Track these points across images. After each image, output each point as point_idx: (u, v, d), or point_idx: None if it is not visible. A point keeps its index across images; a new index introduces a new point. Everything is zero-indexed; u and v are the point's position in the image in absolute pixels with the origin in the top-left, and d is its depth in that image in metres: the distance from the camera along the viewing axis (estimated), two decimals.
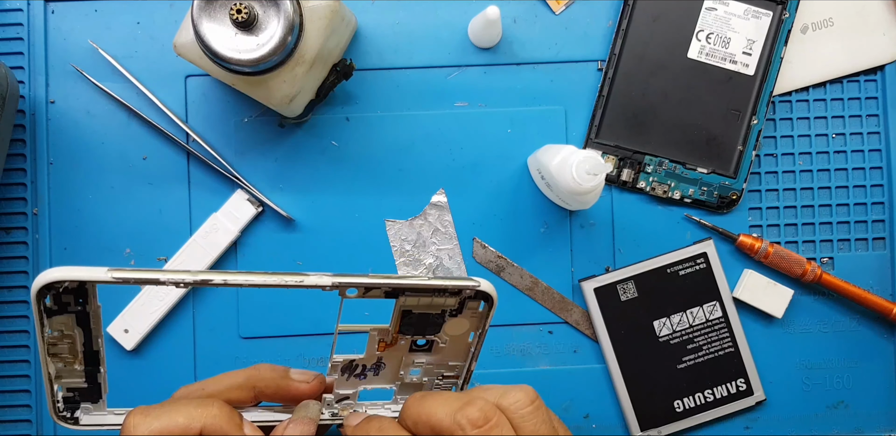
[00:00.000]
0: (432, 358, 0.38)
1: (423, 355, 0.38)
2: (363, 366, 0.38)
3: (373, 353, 0.37)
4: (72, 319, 0.33)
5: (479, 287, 0.34)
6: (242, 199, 0.50)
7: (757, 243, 0.50)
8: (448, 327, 0.36)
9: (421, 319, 0.36)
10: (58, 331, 0.33)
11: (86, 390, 0.35)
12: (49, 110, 0.50)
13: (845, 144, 0.52)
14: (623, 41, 0.50)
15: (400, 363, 0.38)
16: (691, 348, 0.50)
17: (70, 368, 0.34)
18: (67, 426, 0.34)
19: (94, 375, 0.35)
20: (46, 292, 0.31)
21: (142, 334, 0.49)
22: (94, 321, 0.33)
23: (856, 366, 0.51)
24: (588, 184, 0.41)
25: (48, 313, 0.32)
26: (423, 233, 0.50)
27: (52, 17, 0.50)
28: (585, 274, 0.50)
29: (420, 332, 0.37)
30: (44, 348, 0.33)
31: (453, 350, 0.38)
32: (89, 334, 0.33)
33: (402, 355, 0.38)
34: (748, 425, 0.51)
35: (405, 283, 0.33)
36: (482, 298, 0.35)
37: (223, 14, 0.40)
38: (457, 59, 0.51)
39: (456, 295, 0.34)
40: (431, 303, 0.35)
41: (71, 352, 0.34)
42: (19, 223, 0.50)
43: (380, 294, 0.34)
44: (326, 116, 0.50)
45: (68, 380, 0.34)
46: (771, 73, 0.50)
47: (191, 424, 0.33)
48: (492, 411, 0.32)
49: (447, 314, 0.36)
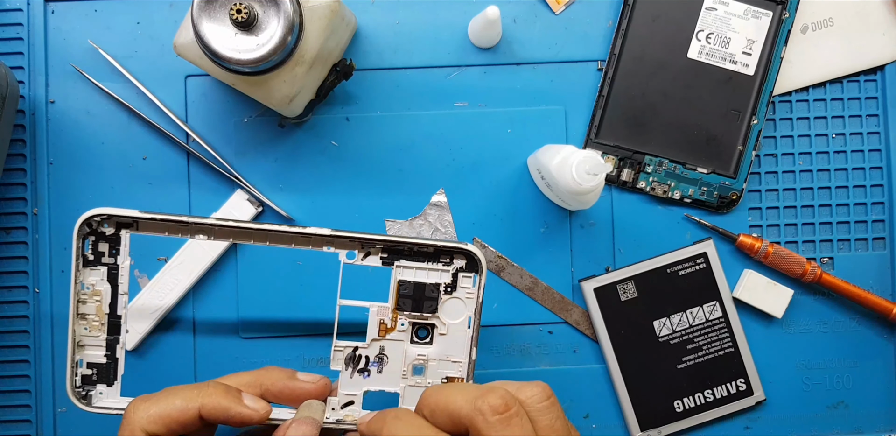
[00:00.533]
0: (433, 351, 0.39)
1: (424, 348, 0.39)
2: (366, 358, 0.39)
3: (374, 336, 0.39)
4: (103, 272, 0.38)
5: (466, 247, 0.38)
6: (242, 199, 0.50)
7: (757, 243, 0.50)
8: (444, 311, 0.39)
9: (417, 291, 0.39)
10: (90, 285, 0.38)
11: (104, 367, 0.39)
12: (49, 110, 0.50)
13: (845, 144, 0.52)
14: (623, 41, 0.50)
15: (403, 358, 0.39)
16: (691, 348, 0.50)
17: (93, 334, 0.38)
18: (79, 405, 0.38)
19: (113, 347, 0.38)
20: (87, 230, 0.37)
21: (142, 334, 0.49)
22: (122, 277, 0.38)
23: (856, 366, 0.51)
24: (588, 184, 0.41)
25: (85, 262, 0.37)
26: (422, 233, 0.50)
27: (52, 17, 0.50)
28: (585, 274, 0.50)
29: (418, 307, 0.39)
30: (74, 305, 0.37)
31: (453, 343, 0.39)
32: (116, 294, 0.38)
33: (404, 347, 0.39)
34: (748, 425, 0.51)
35: (399, 239, 0.38)
36: (467, 259, 0.39)
37: (223, 14, 0.40)
38: (457, 59, 0.51)
39: (448, 265, 0.39)
40: (427, 273, 0.39)
41: (98, 313, 0.38)
42: (19, 223, 0.50)
43: (377, 261, 0.39)
44: (326, 116, 0.50)
45: (90, 352, 0.38)
46: (771, 73, 0.50)
47: (188, 405, 0.34)
48: (512, 400, 0.32)
49: (442, 291, 0.39)
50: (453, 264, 0.39)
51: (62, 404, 0.49)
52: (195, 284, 0.49)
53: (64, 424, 0.49)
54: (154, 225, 0.38)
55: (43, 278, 0.50)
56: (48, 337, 0.49)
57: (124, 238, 0.38)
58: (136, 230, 0.38)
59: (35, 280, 0.50)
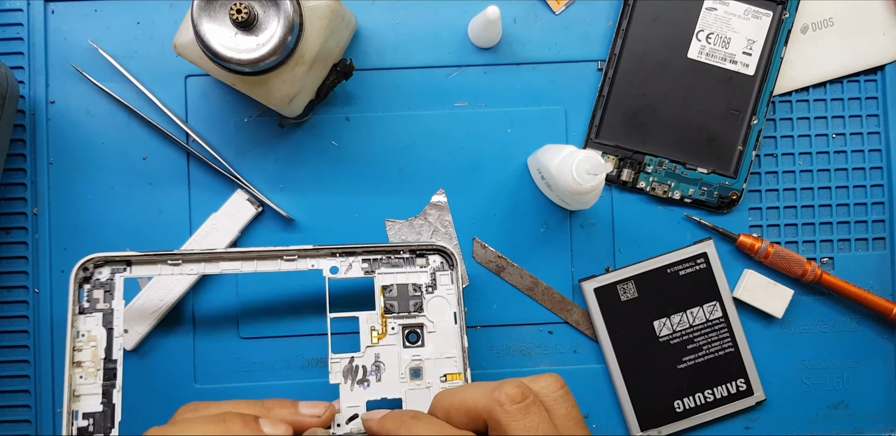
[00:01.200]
0: (427, 351, 0.40)
1: (417, 350, 0.40)
2: (364, 368, 0.39)
3: (368, 343, 0.40)
4: (99, 318, 0.39)
5: (437, 245, 0.40)
6: (242, 199, 0.50)
7: (757, 243, 0.50)
8: (430, 310, 0.40)
9: (401, 291, 0.41)
10: (85, 332, 0.38)
11: (101, 415, 0.39)
12: (49, 110, 0.50)
13: (845, 144, 0.52)
14: (623, 41, 0.50)
15: (398, 362, 0.39)
16: (691, 348, 0.50)
17: (89, 381, 0.39)
18: None
19: (110, 392, 0.39)
20: (82, 274, 0.38)
21: (142, 334, 0.49)
22: (116, 319, 0.39)
23: (856, 366, 0.51)
24: (588, 184, 0.41)
25: (80, 310, 0.39)
26: (423, 233, 0.50)
27: (52, 17, 0.50)
28: (585, 274, 0.50)
29: (405, 307, 0.41)
30: (70, 355, 0.38)
31: (444, 340, 0.40)
32: (111, 337, 0.39)
33: (397, 351, 0.40)
34: (748, 426, 0.51)
35: (372, 246, 0.41)
36: (443, 257, 0.41)
37: (223, 14, 0.40)
38: (457, 59, 0.51)
39: (425, 266, 0.41)
40: (406, 276, 0.41)
41: (93, 359, 0.39)
42: (19, 223, 0.50)
43: (359, 272, 0.41)
44: (326, 116, 0.50)
45: (87, 401, 0.39)
46: (771, 73, 0.50)
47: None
48: (528, 390, 0.32)
49: (424, 291, 0.41)
50: (430, 265, 0.42)
51: (62, 404, 0.49)
52: (195, 284, 0.49)
53: None
54: (147, 260, 0.40)
55: (43, 278, 0.50)
56: (48, 337, 0.49)
57: (118, 282, 0.39)
58: (130, 273, 0.40)
59: (35, 280, 0.50)
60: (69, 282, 0.39)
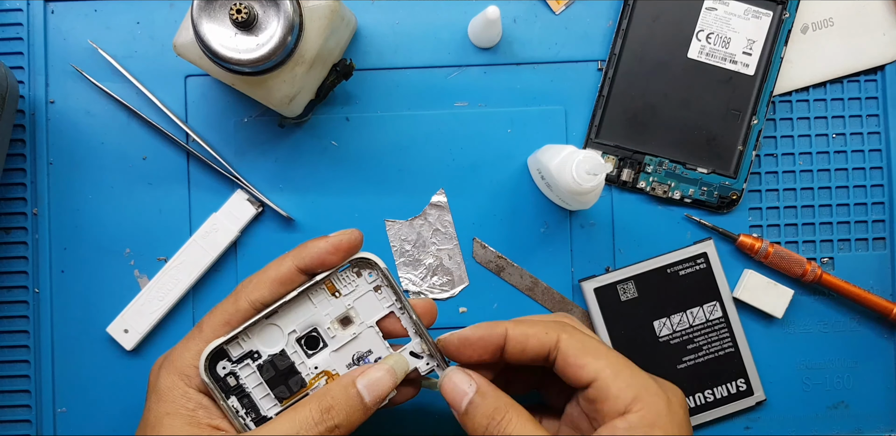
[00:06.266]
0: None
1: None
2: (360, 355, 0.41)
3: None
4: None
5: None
6: (242, 199, 0.50)
7: (757, 243, 0.50)
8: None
9: (284, 366, 0.39)
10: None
11: None
12: (49, 110, 0.50)
13: (845, 144, 0.52)
14: (623, 41, 0.50)
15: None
16: (691, 348, 0.50)
17: None
18: None
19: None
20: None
21: (142, 334, 0.49)
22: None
23: (856, 366, 0.51)
24: (588, 184, 0.41)
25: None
26: (423, 233, 0.50)
27: (52, 17, 0.50)
28: (585, 274, 0.50)
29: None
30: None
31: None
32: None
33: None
34: (748, 426, 0.51)
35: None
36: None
37: (223, 14, 0.40)
38: (457, 59, 0.51)
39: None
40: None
41: None
42: (19, 223, 0.50)
43: None
44: (326, 116, 0.50)
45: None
46: (771, 73, 0.50)
47: (281, 267, 0.38)
48: None
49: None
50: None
51: (62, 404, 0.49)
52: (195, 284, 0.49)
53: (64, 424, 0.49)
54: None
55: (43, 278, 0.50)
56: (48, 337, 0.49)
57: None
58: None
59: (35, 280, 0.50)
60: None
